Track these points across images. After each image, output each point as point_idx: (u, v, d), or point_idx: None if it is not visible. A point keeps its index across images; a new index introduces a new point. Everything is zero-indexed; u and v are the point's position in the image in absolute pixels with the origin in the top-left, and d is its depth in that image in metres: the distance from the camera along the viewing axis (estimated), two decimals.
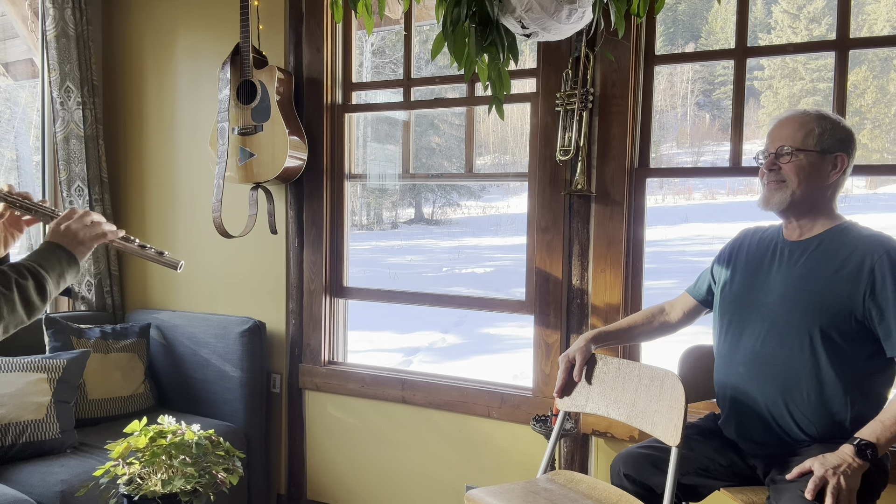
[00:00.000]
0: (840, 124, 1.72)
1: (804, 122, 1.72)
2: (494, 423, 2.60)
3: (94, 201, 3.10)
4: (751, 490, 1.77)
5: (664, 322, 2.03)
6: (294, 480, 3.01)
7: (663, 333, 2.05)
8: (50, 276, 1.30)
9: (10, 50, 3.44)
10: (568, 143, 2.35)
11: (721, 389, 1.84)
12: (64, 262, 1.33)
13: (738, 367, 1.77)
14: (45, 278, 1.29)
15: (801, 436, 1.68)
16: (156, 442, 2.04)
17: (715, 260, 1.97)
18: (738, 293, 1.82)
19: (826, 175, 1.71)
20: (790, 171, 1.71)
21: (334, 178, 2.90)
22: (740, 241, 1.93)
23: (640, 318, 2.05)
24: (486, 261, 13.79)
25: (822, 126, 1.70)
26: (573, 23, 1.42)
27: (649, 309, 2.07)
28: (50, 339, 2.73)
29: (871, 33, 13.76)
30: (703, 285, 2.00)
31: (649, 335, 2.05)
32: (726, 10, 14.87)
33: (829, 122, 1.71)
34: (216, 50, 2.99)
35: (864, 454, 1.53)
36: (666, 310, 2.05)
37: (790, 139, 1.71)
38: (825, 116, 1.72)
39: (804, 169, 1.70)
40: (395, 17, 2.94)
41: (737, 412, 1.78)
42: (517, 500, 1.81)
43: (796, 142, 1.70)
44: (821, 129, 1.70)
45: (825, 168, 1.70)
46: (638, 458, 1.83)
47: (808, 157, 1.69)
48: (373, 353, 6.95)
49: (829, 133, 1.70)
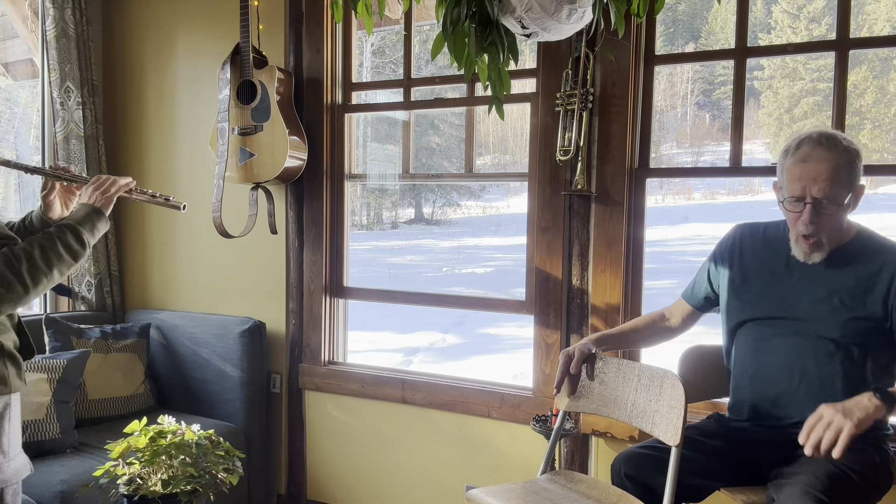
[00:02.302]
0: (856, 151, 1.67)
1: (837, 164, 1.63)
2: (494, 423, 2.60)
3: None
4: (751, 490, 1.77)
5: (666, 327, 2.03)
6: (294, 480, 3.01)
7: (665, 338, 2.05)
8: (84, 228, 1.69)
9: (10, 50, 3.44)
10: (568, 143, 2.35)
11: (741, 387, 1.84)
12: (94, 216, 1.73)
13: (770, 370, 1.77)
14: (81, 230, 1.68)
15: None
16: (156, 442, 2.04)
17: (710, 260, 1.95)
18: (760, 299, 1.81)
19: (851, 209, 1.71)
20: (828, 227, 1.67)
21: (334, 178, 2.90)
22: (738, 239, 1.91)
23: (641, 322, 2.05)
24: (486, 261, 13.79)
25: (850, 164, 1.64)
26: (573, 23, 1.42)
27: (650, 314, 2.07)
28: (50, 339, 2.73)
29: (871, 33, 13.76)
30: (699, 291, 1.99)
31: (651, 339, 2.05)
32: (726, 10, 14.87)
33: (852, 154, 1.65)
34: (216, 50, 2.99)
35: (884, 395, 1.51)
36: (666, 315, 2.05)
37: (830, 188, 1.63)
38: (847, 149, 1.65)
39: (839, 219, 1.68)
40: (395, 17, 2.94)
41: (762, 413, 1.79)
42: (517, 500, 1.81)
43: (838, 191, 1.64)
44: (850, 167, 1.64)
45: (852, 205, 1.70)
46: (638, 458, 1.83)
47: (846, 202, 1.67)
48: (373, 353, 6.95)
49: (857, 168, 1.66)
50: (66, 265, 1.63)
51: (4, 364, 1.60)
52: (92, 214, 1.73)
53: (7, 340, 1.62)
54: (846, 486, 1.57)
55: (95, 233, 1.72)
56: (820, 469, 1.58)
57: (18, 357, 1.65)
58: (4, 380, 1.60)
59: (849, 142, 1.69)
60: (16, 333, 1.67)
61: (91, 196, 1.77)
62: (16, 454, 1.67)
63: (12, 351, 1.63)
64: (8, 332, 1.63)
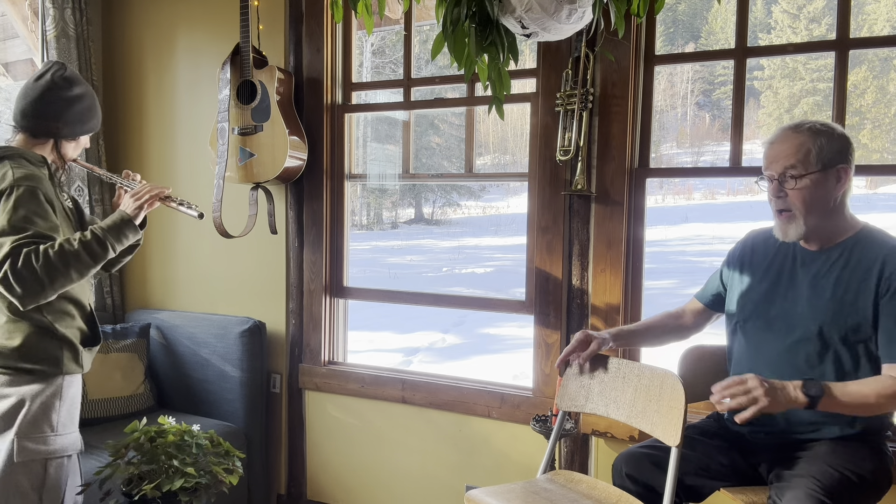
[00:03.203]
0: (835, 134, 1.70)
1: (800, 141, 1.68)
2: (494, 423, 2.60)
3: (94, 201, 3.10)
4: (751, 490, 1.77)
5: (680, 325, 2.03)
6: (294, 480, 3.01)
7: (679, 336, 2.04)
8: (109, 233, 1.82)
9: (10, 50, 3.44)
10: (568, 143, 2.35)
11: None
12: (121, 224, 1.86)
13: (763, 370, 1.77)
14: (105, 236, 1.81)
15: (814, 435, 1.70)
16: (156, 442, 2.04)
17: (724, 263, 1.98)
18: (760, 299, 1.81)
19: (831, 190, 1.69)
20: (796, 200, 1.69)
21: (334, 178, 2.90)
22: (750, 243, 1.92)
23: (656, 320, 2.04)
24: (486, 261, 13.80)
25: (818, 143, 1.67)
26: (573, 23, 1.42)
27: (664, 313, 2.06)
28: None
29: (871, 33, 13.77)
30: (710, 289, 2.00)
31: (665, 337, 2.04)
32: (726, 10, 14.88)
33: (823, 136, 1.68)
34: (216, 50, 2.99)
35: (808, 389, 1.55)
36: (679, 314, 2.05)
37: (789, 162, 1.69)
38: (819, 131, 1.69)
39: (810, 193, 1.68)
40: (395, 17, 2.95)
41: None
42: (517, 500, 1.81)
43: (796, 165, 1.68)
44: (818, 146, 1.67)
45: (829, 184, 1.69)
46: (640, 458, 1.83)
47: (811, 179, 1.68)
48: (373, 353, 6.95)
49: (827, 148, 1.67)
50: (85, 266, 1.76)
51: (60, 348, 1.83)
52: (119, 222, 1.86)
53: (67, 328, 1.84)
54: (847, 488, 1.57)
55: (122, 238, 1.85)
56: (820, 471, 1.59)
57: (75, 343, 1.86)
58: (58, 362, 1.82)
59: (830, 127, 1.71)
60: (85, 323, 1.91)
61: (125, 203, 1.92)
62: (66, 431, 1.85)
63: (69, 337, 1.84)
64: (73, 320, 1.87)
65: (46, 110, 1.86)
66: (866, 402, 1.57)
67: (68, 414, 1.86)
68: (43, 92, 1.86)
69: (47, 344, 1.81)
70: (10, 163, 1.80)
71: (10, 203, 1.73)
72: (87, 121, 1.94)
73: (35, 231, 1.72)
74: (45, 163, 1.89)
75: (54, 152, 1.92)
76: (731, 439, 1.83)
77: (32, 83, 1.88)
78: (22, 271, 1.67)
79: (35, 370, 1.79)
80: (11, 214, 1.72)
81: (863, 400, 1.57)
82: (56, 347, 1.82)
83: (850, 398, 1.57)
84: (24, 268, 1.68)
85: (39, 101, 1.86)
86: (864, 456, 1.65)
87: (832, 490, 1.54)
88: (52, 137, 1.90)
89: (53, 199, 1.83)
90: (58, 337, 1.82)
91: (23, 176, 1.76)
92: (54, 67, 1.89)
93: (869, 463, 1.64)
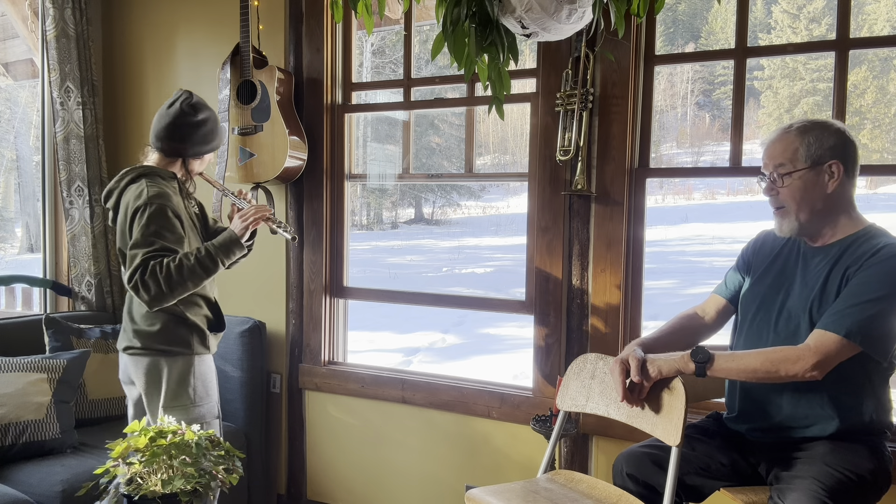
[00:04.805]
0: (827, 131, 1.71)
1: (788, 141, 1.73)
2: (494, 423, 2.60)
3: (94, 201, 3.10)
4: (752, 490, 1.77)
5: (702, 324, 1.97)
6: (294, 480, 3.01)
7: (702, 336, 1.98)
8: (220, 251, 2.08)
9: (10, 50, 3.45)
10: (568, 143, 2.35)
11: (733, 384, 1.85)
12: (230, 243, 2.11)
13: None
14: (217, 253, 2.08)
15: (811, 433, 1.69)
16: (156, 442, 2.04)
17: (738, 259, 1.98)
18: (763, 294, 1.82)
19: (824, 186, 1.70)
20: (786, 196, 1.73)
21: (334, 178, 2.90)
22: (760, 241, 1.93)
23: (677, 324, 1.97)
24: (486, 261, 13.79)
25: (805, 141, 1.70)
26: (573, 23, 1.42)
27: (682, 315, 1.99)
28: (50, 339, 2.73)
29: (871, 33, 13.77)
30: (732, 284, 1.96)
31: (690, 339, 1.94)
32: (726, 10, 14.88)
33: (812, 133, 1.70)
34: (216, 50, 2.99)
35: (696, 356, 1.66)
36: (699, 313, 1.98)
37: (778, 161, 1.73)
38: (808, 128, 1.71)
39: (799, 190, 1.71)
40: (395, 17, 2.95)
41: (750, 405, 1.79)
42: (517, 499, 1.81)
43: (785, 164, 1.72)
44: (805, 144, 1.70)
45: (820, 181, 1.70)
46: (640, 458, 1.83)
47: (800, 175, 1.70)
48: (373, 353, 6.95)
49: (816, 145, 1.69)
50: (199, 278, 2.05)
51: (190, 332, 2.14)
52: (228, 241, 2.12)
53: (195, 315, 2.15)
54: (847, 488, 1.57)
55: (231, 255, 2.12)
56: (821, 472, 1.59)
57: (203, 328, 2.17)
58: (189, 344, 2.13)
59: (823, 124, 1.72)
60: (210, 311, 2.21)
61: (235, 223, 2.17)
62: (201, 402, 2.16)
63: (197, 323, 2.15)
64: (200, 308, 2.17)
65: (175, 134, 2.14)
66: (751, 366, 1.63)
67: (203, 387, 2.16)
68: (174, 118, 2.13)
69: (180, 329, 2.12)
70: (146, 180, 2.09)
71: (144, 219, 2.02)
72: (209, 142, 2.21)
73: (162, 245, 2.02)
74: (175, 178, 2.18)
75: (183, 168, 2.22)
76: (729, 439, 1.83)
77: (165, 110, 2.15)
78: (149, 281, 1.98)
79: (171, 351, 2.11)
80: (144, 230, 2.02)
81: (747, 364, 1.63)
82: (187, 332, 2.13)
83: (736, 363, 1.64)
84: (150, 278, 1.98)
85: (170, 127, 2.13)
86: (863, 456, 1.65)
87: (834, 491, 1.54)
88: (181, 157, 2.19)
89: (181, 212, 2.12)
90: (188, 324, 2.13)
91: (155, 194, 2.05)
92: (183, 96, 2.15)
93: (868, 463, 1.64)
